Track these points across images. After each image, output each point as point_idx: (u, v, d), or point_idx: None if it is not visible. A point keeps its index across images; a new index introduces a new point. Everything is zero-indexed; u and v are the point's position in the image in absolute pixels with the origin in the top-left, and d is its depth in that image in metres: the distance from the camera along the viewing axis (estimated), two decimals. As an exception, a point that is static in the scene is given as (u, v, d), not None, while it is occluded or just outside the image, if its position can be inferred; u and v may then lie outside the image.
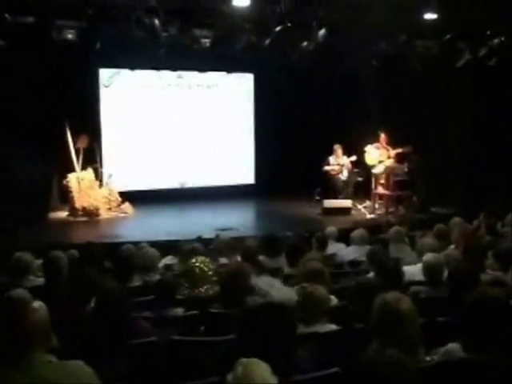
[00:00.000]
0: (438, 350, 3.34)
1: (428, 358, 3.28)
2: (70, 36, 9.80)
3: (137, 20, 9.66)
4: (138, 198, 12.77)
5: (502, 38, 11.31)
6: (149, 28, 9.75)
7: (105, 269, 6.40)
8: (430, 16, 10.44)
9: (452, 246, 6.88)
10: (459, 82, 12.84)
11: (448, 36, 11.46)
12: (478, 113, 12.79)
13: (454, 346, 3.29)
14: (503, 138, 12.20)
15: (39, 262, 6.31)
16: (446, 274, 5.13)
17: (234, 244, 7.27)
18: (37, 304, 3.78)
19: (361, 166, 13.17)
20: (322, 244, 7.43)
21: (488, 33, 11.43)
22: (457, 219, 8.39)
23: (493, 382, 3.08)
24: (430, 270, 5.22)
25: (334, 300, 4.70)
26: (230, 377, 2.58)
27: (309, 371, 3.13)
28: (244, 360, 2.59)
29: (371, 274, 5.27)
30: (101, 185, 12.64)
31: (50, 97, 11.76)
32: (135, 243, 7.60)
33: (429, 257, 5.39)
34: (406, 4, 9.59)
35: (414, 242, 7.35)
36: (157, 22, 9.70)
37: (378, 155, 12.65)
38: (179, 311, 4.57)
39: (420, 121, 13.08)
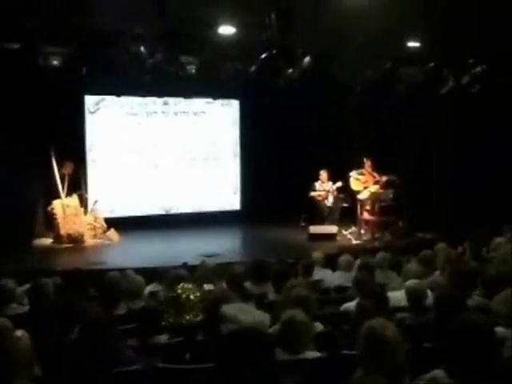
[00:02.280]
0: (423, 377, 3.33)
1: (413, 385, 3.27)
2: (55, 62, 9.80)
3: (123, 47, 9.69)
4: (123, 225, 12.70)
5: (484, 66, 11.48)
6: (135, 55, 9.79)
7: (90, 296, 6.36)
8: (413, 44, 10.57)
9: (437, 272, 6.90)
10: (443, 108, 12.98)
11: (432, 64, 11.61)
12: (461, 139, 12.92)
13: (438, 373, 3.28)
14: (487, 164, 12.32)
15: (23, 289, 6.27)
16: (430, 299, 5.15)
17: (219, 270, 7.25)
18: (19, 333, 3.74)
19: (346, 191, 13.19)
20: (308, 270, 7.42)
21: (471, 61, 11.59)
22: (441, 245, 8.42)
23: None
24: (413, 296, 5.23)
25: (319, 326, 4.69)
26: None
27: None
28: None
29: (357, 300, 5.26)
30: (86, 211, 12.56)
31: (35, 123, 11.73)
32: (120, 270, 7.53)
33: (411, 282, 5.40)
34: (391, 32, 9.71)
35: (399, 267, 7.35)
36: (143, 48, 9.75)
37: (363, 181, 12.70)
38: (163, 338, 4.54)
39: (405, 147, 13.18)
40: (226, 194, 15.32)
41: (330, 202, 13.27)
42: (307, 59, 10.66)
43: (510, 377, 3.16)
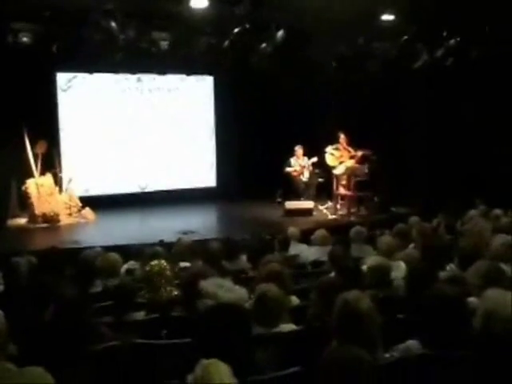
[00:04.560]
0: (398, 347, 3.38)
1: (388, 355, 3.31)
2: (25, 39, 9.68)
3: (94, 23, 9.58)
4: (98, 203, 12.64)
5: (458, 39, 11.50)
6: (106, 31, 9.68)
7: (65, 275, 6.33)
8: (387, 17, 10.55)
9: (412, 245, 6.96)
10: (418, 82, 13.02)
11: (405, 37, 11.62)
12: (436, 113, 12.98)
13: (413, 343, 3.35)
14: (461, 138, 12.40)
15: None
16: (399, 272, 5.20)
17: (195, 247, 7.25)
18: (-6, 311, 3.72)
19: (322, 167, 13.22)
20: (284, 245, 7.47)
21: (444, 34, 11.60)
22: (414, 218, 8.48)
23: (451, 376, 3.13)
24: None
25: (295, 300, 4.72)
26: (189, 378, 2.60)
27: (270, 371, 3.14)
28: (204, 361, 2.60)
29: (332, 274, 5.30)
30: (60, 190, 12.46)
31: (6, 102, 11.57)
32: (96, 248, 7.51)
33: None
34: (364, 6, 9.68)
35: (375, 241, 7.40)
36: (114, 24, 9.64)
37: (339, 156, 12.73)
38: (140, 315, 4.55)
39: (379, 122, 13.21)
40: (202, 171, 15.30)
41: (305, 177, 13.30)
42: (281, 33, 10.63)
43: (480, 345, 3.22)
